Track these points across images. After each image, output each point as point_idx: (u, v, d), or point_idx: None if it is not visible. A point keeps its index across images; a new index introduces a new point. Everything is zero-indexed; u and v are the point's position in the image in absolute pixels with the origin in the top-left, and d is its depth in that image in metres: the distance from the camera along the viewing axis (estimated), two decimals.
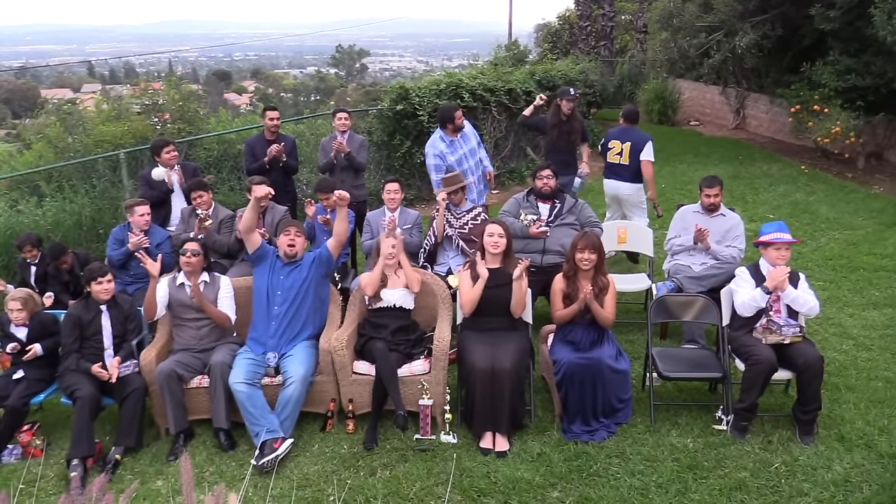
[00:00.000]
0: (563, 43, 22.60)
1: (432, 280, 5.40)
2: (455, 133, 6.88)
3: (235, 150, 9.80)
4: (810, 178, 11.33)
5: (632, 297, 6.56)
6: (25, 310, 4.99)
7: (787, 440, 4.53)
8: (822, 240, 8.32)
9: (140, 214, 5.99)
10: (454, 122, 6.82)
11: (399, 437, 4.71)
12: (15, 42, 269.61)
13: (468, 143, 6.99)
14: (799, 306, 4.62)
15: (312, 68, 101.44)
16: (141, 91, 12.78)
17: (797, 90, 12.61)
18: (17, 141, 24.82)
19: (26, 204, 8.41)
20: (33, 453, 4.73)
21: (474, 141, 7.08)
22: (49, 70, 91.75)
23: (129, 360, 4.84)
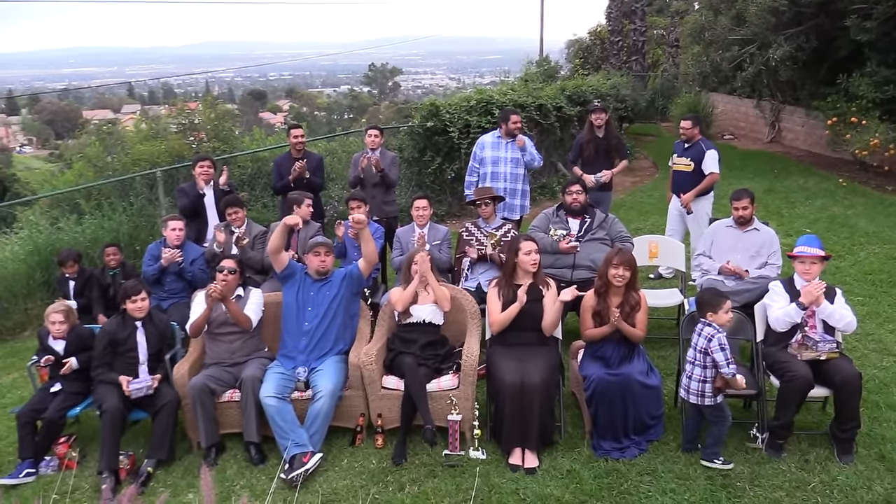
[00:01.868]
0: (595, 58, 22.57)
1: (462, 296, 5.40)
2: (507, 136, 7.13)
3: (269, 168, 9.94)
4: (848, 191, 11.11)
5: (664, 313, 6.48)
6: (67, 322, 5.10)
7: (824, 459, 4.42)
8: (862, 254, 8.13)
9: (172, 229, 6.11)
10: (507, 125, 7.10)
11: (428, 453, 4.70)
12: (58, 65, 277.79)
13: (516, 152, 7.11)
14: (835, 322, 4.52)
15: (346, 87, 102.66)
16: (178, 111, 13.11)
17: (834, 102, 12.43)
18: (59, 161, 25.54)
19: (66, 221, 8.62)
20: (69, 465, 4.81)
21: (525, 156, 7.16)
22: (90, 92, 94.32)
23: (143, 379, 4.86)
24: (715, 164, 6.96)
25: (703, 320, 4.36)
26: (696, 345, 4.34)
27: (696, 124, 7.11)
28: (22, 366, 6.56)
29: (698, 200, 7.13)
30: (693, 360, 4.35)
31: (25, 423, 4.82)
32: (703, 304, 4.37)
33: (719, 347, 4.20)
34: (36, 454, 4.81)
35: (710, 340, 4.23)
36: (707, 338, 4.26)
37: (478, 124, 10.31)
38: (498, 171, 7.13)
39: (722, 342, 4.20)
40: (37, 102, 76.29)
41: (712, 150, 6.98)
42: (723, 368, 4.19)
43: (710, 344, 4.22)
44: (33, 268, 7.97)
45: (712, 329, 4.27)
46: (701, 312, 4.37)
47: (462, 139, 10.22)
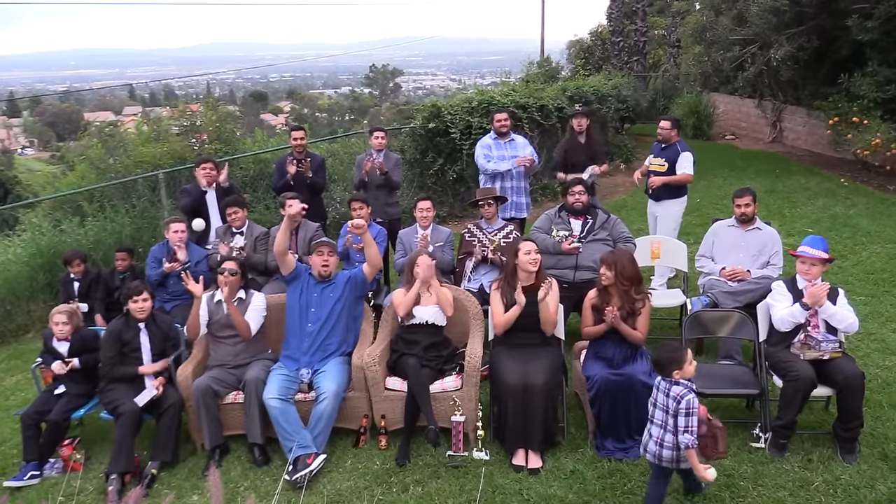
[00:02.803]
0: (596, 59, 22.54)
1: (464, 297, 5.40)
2: (500, 136, 7.26)
3: (270, 170, 9.95)
4: (850, 191, 11.10)
5: (666, 313, 6.49)
6: (70, 324, 5.12)
7: (827, 458, 4.42)
8: (864, 254, 8.13)
9: (174, 231, 6.12)
10: (493, 124, 7.26)
11: (431, 454, 4.70)
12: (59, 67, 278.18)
13: (514, 151, 7.20)
14: (837, 322, 4.52)
15: (347, 88, 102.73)
16: (179, 113, 13.10)
17: (835, 102, 12.43)
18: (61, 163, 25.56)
19: (69, 223, 8.63)
20: (73, 467, 4.83)
21: (523, 152, 7.21)
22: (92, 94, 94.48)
23: (147, 390, 4.86)
24: (689, 166, 6.84)
25: (668, 379, 3.77)
26: (664, 405, 3.77)
27: (674, 126, 7.03)
28: (26, 368, 6.58)
29: (669, 203, 7.01)
30: (662, 424, 3.77)
31: (30, 426, 4.85)
32: (666, 363, 3.76)
33: (686, 412, 3.63)
34: (40, 456, 4.84)
35: (678, 402, 3.67)
36: (676, 398, 3.69)
37: (479, 125, 10.31)
38: (501, 170, 7.20)
39: (692, 406, 3.64)
40: (38, 104, 76.38)
41: (687, 153, 6.87)
42: (681, 435, 3.63)
43: (679, 406, 3.66)
44: (36, 270, 7.98)
45: (681, 388, 3.71)
46: (666, 372, 3.76)
47: (464, 140, 10.23)
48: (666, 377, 3.78)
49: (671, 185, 6.88)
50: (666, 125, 7.00)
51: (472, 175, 10.03)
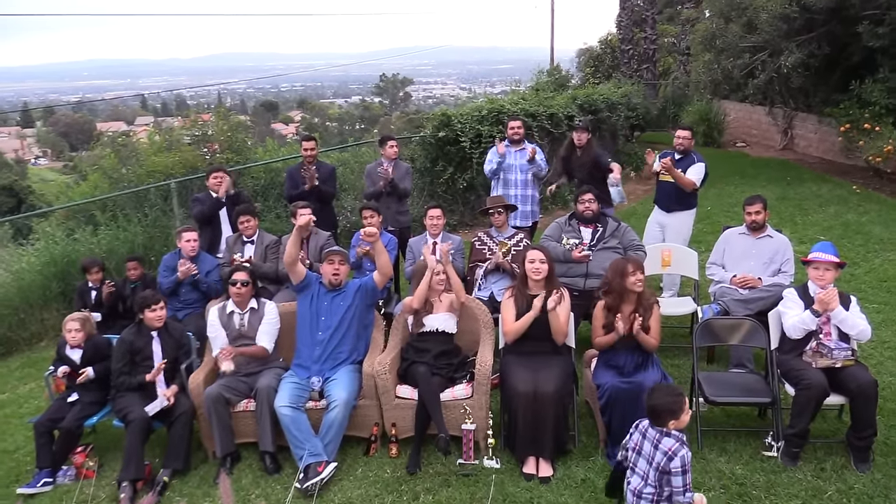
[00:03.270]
0: (606, 67, 22.58)
1: (475, 305, 5.41)
2: (512, 144, 7.28)
3: (281, 179, 10.01)
4: (862, 198, 11.05)
5: (677, 321, 6.47)
6: (83, 331, 5.16)
7: (841, 467, 4.39)
8: (876, 261, 8.09)
9: (187, 240, 6.16)
10: (506, 131, 7.32)
11: (442, 462, 4.70)
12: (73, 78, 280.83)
13: (523, 160, 7.21)
14: (848, 329, 4.49)
15: (357, 97, 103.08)
16: (191, 123, 13.19)
17: (847, 108, 12.39)
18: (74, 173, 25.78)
19: (82, 232, 8.71)
20: (86, 474, 4.85)
21: (532, 167, 7.19)
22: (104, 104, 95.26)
23: (158, 401, 4.87)
24: (696, 174, 6.67)
25: (659, 429, 3.38)
26: (649, 455, 3.37)
27: (693, 136, 6.97)
28: (39, 376, 6.62)
29: (680, 214, 6.90)
30: (644, 476, 3.39)
31: (43, 433, 4.88)
32: (663, 411, 3.35)
33: (681, 469, 3.25)
34: (53, 464, 4.86)
35: (671, 459, 3.26)
36: (667, 454, 3.28)
37: (489, 134, 10.34)
38: (509, 177, 7.24)
39: (686, 462, 3.25)
40: (51, 115, 77.10)
41: (700, 164, 6.71)
42: (678, 497, 3.27)
43: (672, 464, 3.25)
44: (49, 279, 8.05)
45: (674, 441, 3.30)
46: (661, 421, 3.36)
47: (474, 149, 10.26)
48: (659, 426, 3.37)
49: (684, 196, 6.78)
50: (687, 134, 6.79)
51: (482, 183, 10.05)
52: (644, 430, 3.45)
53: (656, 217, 7.12)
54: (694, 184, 6.67)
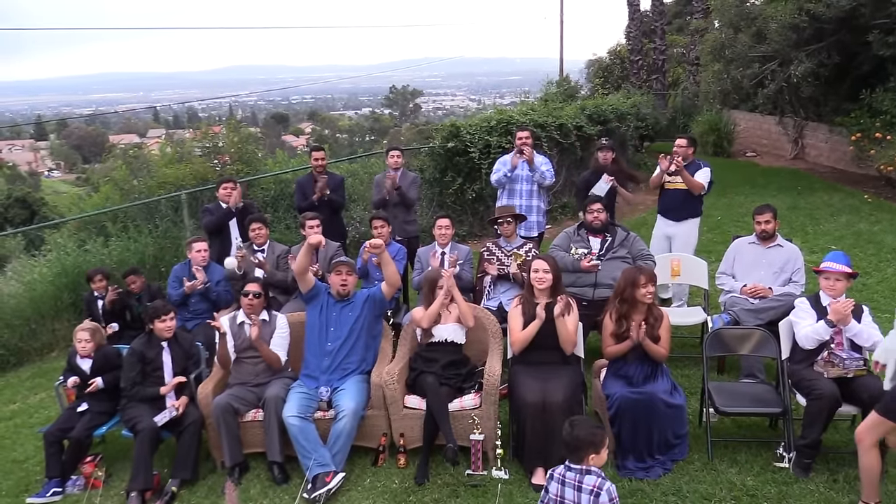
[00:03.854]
0: (615, 77, 22.61)
1: (483, 315, 5.40)
2: (519, 153, 7.20)
3: (291, 190, 10.06)
4: (874, 207, 10.97)
5: (687, 331, 6.42)
6: (93, 341, 5.19)
7: (853, 479, 4.33)
8: (889, 270, 8.02)
9: (198, 251, 6.19)
10: (516, 142, 7.21)
11: (450, 473, 4.68)
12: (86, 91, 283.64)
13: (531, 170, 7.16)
14: (862, 341, 4.45)
15: (367, 109, 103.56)
16: (202, 135, 13.29)
17: (857, 117, 12.33)
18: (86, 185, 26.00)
19: (93, 243, 8.77)
20: (95, 484, 4.85)
21: (535, 175, 7.17)
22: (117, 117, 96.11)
23: (167, 410, 4.88)
24: (704, 178, 6.70)
25: (577, 468, 3.21)
26: (575, 500, 3.18)
27: (691, 144, 6.93)
28: (49, 386, 6.66)
29: (687, 223, 6.89)
30: None
31: (52, 443, 4.90)
32: (584, 444, 3.19)
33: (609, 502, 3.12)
34: (62, 473, 4.88)
35: (597, 496, 3.12)
36: (593, 491, 3.13)
37: (498, 144, 10.36)
38: (515, 188, 7.24)
39: (613, 495, 3.13)
40: (64, 128, 77.85)
41: (706, 169, 6.76)
42: None
43: (600, 500, 3.11)
44: (61, 289, 8.11)
45: (596, 477, 3.17)
46: (579, 457, 3.20)
47: (483, 159, 10.27)
48: (577, 463, 3.21)
49: (690, 204, 6.78)
50: (682, 143, 6.86)
51: (490, 194, 10.05)
52: (561, 476, 3.26)
53: (662, 227, 7.10)
54: (703, 185, 6.70)
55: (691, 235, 6.94)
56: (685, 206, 6.83)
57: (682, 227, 6.91)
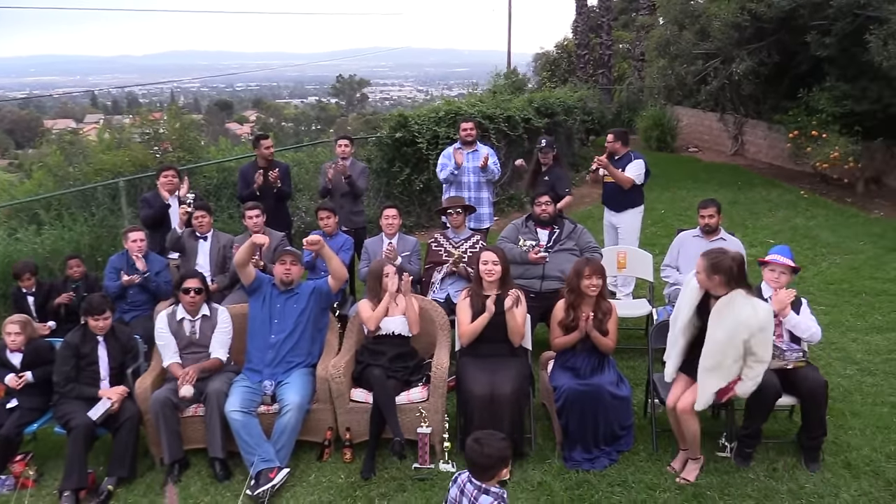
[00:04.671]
0: (562, 71, 22.79)
1: (431, 307, 5.35)
2: (465, 146, 7.24)
3: (234, 178, 9.81)
4: (810, 203, 11.34)
5: (632, 323, 6.51)
6: (23, 334, 4.95)
7: (792, 467, 4.45)
8: (823, 264, 8.28)
9: (133, 240, 5.96)
10: (459, 133, 7.26)
11: (397, 466, 4.63)
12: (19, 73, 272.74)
13: (477, 162, 7.15)
14: (800, 332, 4.56)
15: (313, 98, 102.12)
16: (142, 121, 12.86)
17: (795, 116, 12.69)
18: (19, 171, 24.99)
19: (25, 232, 8.38)
20: (25, 483, 4.64)
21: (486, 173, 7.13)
22: (52, 101, 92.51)
23: (101, 403, 4.68)
24: (634, 171, 6.77)
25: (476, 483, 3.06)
26: None
27: (618, 138, 6.99)
28: None
29: (628, 213, 7.01)
30: None
31: None
32: (493, 463, 3.03)
33: None
34: None
35: None
36: None
37: (446, 135, 10.30)
38: (462, 180, 7.21)
39: None
40: None
41: (638, 160, 6.84)
42: None
43: None
44: None
45: (492, 500, 3.01)
46: (487, 475, 3.04)
47: (431, 150, 10.21)
48: (483, 480, 3.04)
49: (629, 194, 6.88)
50: (610, 137, 7.05)
51: (438, 185, 9.96)
52: (462, 484, 3.12)
53: (607, 217, 7.28)
54: (632, 180, 6.80)
55: (634, 224, 7.08)
56: (623, 196, 6.96)
57: (624, 216, 7.05)
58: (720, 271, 3.96)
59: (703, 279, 4.05)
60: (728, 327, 3.94)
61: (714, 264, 3.97)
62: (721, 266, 3.96)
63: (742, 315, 3.93)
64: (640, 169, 6.81)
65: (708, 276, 4.00)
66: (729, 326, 3.94)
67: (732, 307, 3.96)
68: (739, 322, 3.92)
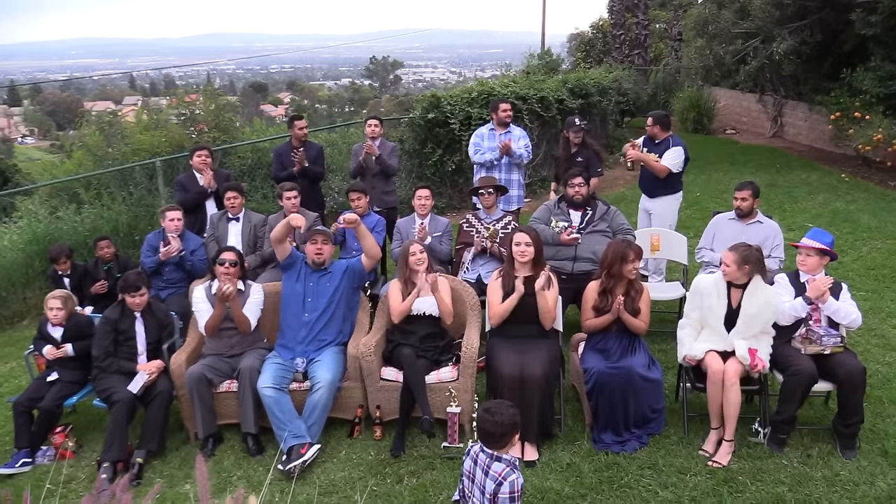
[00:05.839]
0: (597, 52, 22.50)
1: (462, 287, 5.35)
2: (500, 126, 7.16)
3: (269, 159, 9.90)
4: (851, 186, 11.05)
5: (665, 306, 6.43)
6: (65, 309, 5.07)
7: (827, 454, 4.38)
8: (864, 249, 8.09)
9: (171, 219, 6.05)
10: (497, 113, 7.15)
11: (426, 445, 4.66)
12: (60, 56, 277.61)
13: (511, 142, 7.05)
14: (840, 318, 4.48)
15: (347, 80, 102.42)
16: (179, 102, 13.01)
17: (837, 97, 12.36)
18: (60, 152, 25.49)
19: (65, 211, 8.58)
20: (65, 454, 4.78)
21: (517, 145, 7.07)
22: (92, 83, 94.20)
23: (138, 377, 4.79)
24: (672, 159, 6.59)
25: (489, 452, 3.15)
26: (482, 485, 3.14)
27: (656, 122, 6.81)
28: (19, 355, 6.53)
29: (664, 200, 6.85)
30: None
31: (22, 413, 4.81)
32: (506, 431, 3.11)
33: (509, 496, 3.03)
34: (32, 444, 4.80)
35: (500, 484, 3.04)
36: (497, 479, 3.06)
37: (479, 116, 10.24)
38: (493, 161, 7.14)
39: (515, 488, 3.03)
40: (39, 93, 76.20)
41: (677, 147, 6.63)
42: None
43: (501, 490, 3.03)
44: (32, 257, 7.93)
45: (504, 466, 3.09)
46: (500, 444, 3.13)
47: (463, 131, 10.16)
48: (496, 449, 3.13)
49: (664, 180, 6.73)
50: (649, 121, 6.85)
51: (470, 166, 9.93)
52: (475, 455, 3.22)
53: (642, 202, 7.16)
54: (667, 169, 6.61)
55: (668, 211, 6.90)
56: (658, 183, 6.80)
57: (657, 203, 6.91)
58: (750, 262, 4.47)
59: (734, 270, 4.48)
60: (759, 304, 4.45)
61: (745, 257, 4.46)
62: (750, 258, 4.47)
63: (767, 295, 4.49)
64: (678, 157, 6.62)
65: (739, 266, 4.46)
66: (759, 304, 4.45)
67: (758, 289, 4.49)
68: (767, 301, 4.47)
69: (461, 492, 3.35)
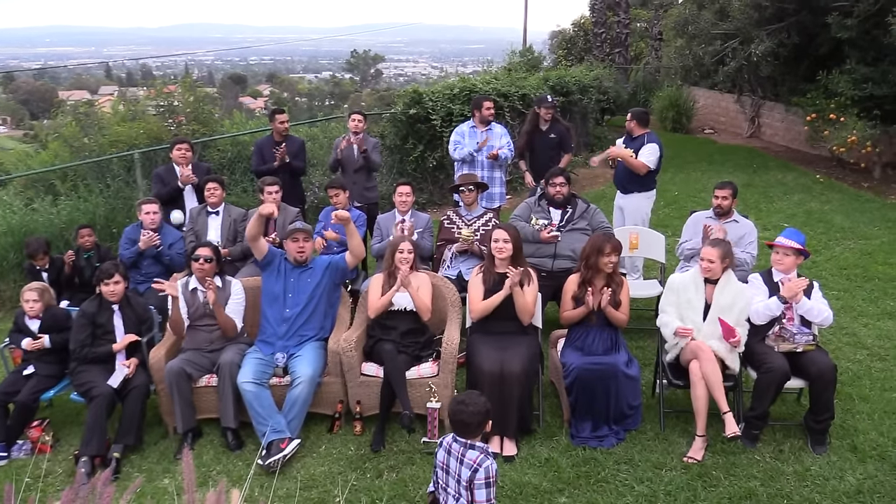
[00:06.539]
0: (578, 49, 22.58)
1: (442, 283, 5.38)
2: (481, 124, 7.20)
3: (249, 152, 9.83)
4: (825, 187, 11.24)
5: (643, 304, 6.52)
6: (41, 301, 5.03)
7: (798, 450, 4.48)
8: (837, 249, 8.24)
9: (146, 213, 6.01)
10: (481, 111, 7.17)
11: (406, 440, 4.70)
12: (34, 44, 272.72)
13: (492, 140, 7.14)
14: (813, 317, 4.57)
15: (327, 73, 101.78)
16: (156, 93, 12.86)
17: (813, 99, 12.53)
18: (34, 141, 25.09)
19: (41, 202, 8.45)
20: (42, 449, 4.74)
21: (499, 142, 7.11)
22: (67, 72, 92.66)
23: (118, 371, 4.77)
24: (648, 156, 6.67)
25: (462, 441, 3.23)
26: (457, 473, 3.20)
27: (634, 118, 6.91)
28: None
29: (637, 197, 6.93)
30: (456, 496, 3.21)
31: None
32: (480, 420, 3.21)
33: (485, 482, 3.11)
34: (8, 438, 4.76)
35: (475, 471, 3.11)
36: (472, 467, 3.13)
37: (460, 112, 10.26)
38: (475, 158, 7.19)
39: (490, 474, 3.11)
40: (11, 81, 74.78)
41: (652, 144, 6.72)
42: None
43: (477, 476, 3.10)
44: (7, 249, 7.80)
45: (478, 453, 3.17)
46: (472, 432, 3.22)
47: (444, 127, 10.17)
48: (470, 437, 3.22)
49: (638, 177, 6.80)
50: (628, 117, 6.98)
51: (452, 162, 9.99)
52: (448, 446, 3.29)
53: (616, 199, 7.22)
54: (646, 166, 6.70)
55: (640, 208, 6.96)
56: (631, 179, 6.88)
57: (629, 199, 6.98)
58: (728, 256, 4.67)
59: (717, 266, 4.61)
60: (731, 295, 4.61)
61: (726, 252, 4.65)
62: (729, 252, 4.69)
63: (739, 287, 4.68)
64: (653, 154, 6.70)
65: (721, 261, 4.61)
66: (732, 294, 4.61)
67: (729, 282, 4.66)
68: (739, 292, 4.64)
69: (435, 483, 3.41)
